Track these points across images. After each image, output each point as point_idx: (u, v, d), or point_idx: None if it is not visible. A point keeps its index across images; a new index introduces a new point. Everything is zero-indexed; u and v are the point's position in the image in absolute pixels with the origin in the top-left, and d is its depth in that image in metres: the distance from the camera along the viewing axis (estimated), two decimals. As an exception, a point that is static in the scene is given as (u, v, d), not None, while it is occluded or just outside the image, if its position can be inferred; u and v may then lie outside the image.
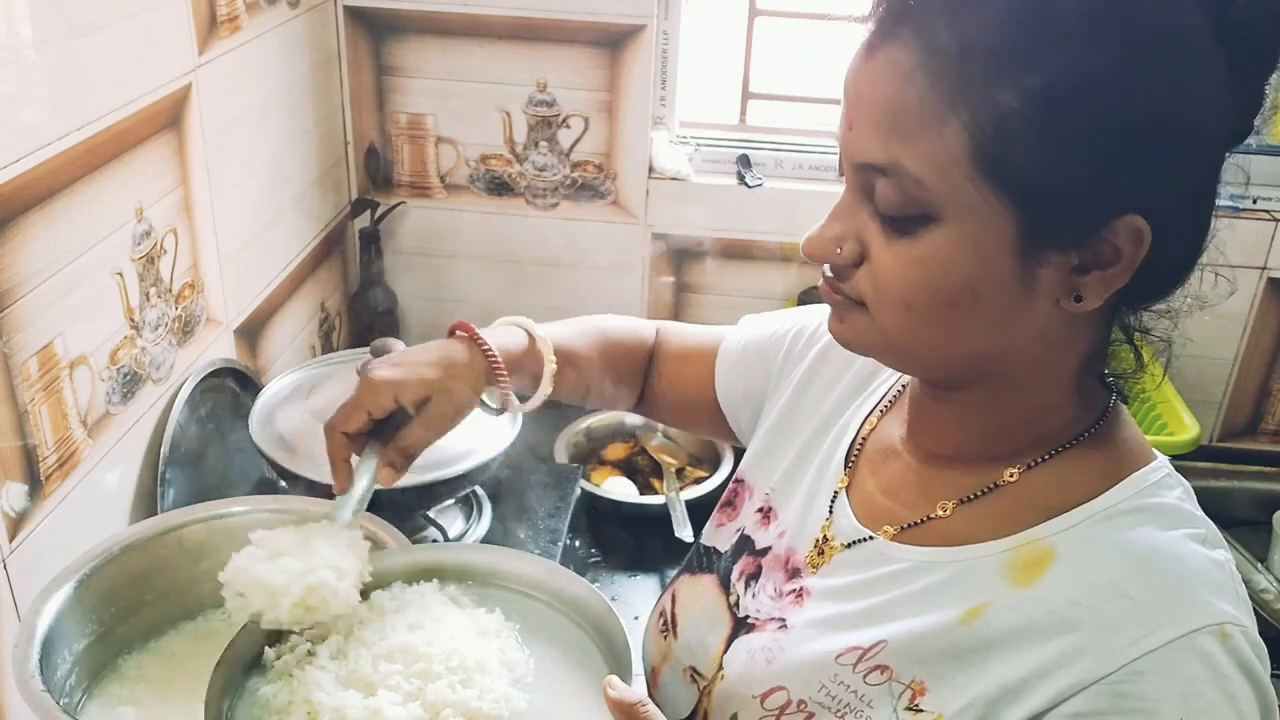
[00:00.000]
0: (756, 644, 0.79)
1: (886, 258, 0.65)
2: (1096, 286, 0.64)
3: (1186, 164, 0.63)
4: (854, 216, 0.67)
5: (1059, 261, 0.63)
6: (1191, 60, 0.61)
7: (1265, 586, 1.57)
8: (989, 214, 0.62)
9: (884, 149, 0.63)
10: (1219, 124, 0.63)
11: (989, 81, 0.59)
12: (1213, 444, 1.91)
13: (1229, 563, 0.67)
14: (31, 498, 1.05)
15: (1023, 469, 0.71)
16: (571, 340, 0.96)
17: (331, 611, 0.75)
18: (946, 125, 0.60)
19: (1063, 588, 0.66)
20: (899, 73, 0.61)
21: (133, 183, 1.19)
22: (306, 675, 0.73)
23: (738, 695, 0.79)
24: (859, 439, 0.83)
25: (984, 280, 0.63)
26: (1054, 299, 0.64)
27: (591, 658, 0.80)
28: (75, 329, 1.10)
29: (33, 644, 0.82)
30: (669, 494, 1.66)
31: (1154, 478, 0.69)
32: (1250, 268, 1.78)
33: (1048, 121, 0.59)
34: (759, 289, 1.88)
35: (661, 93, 1.81)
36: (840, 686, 0.72)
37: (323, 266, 1.79)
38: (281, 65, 1.57)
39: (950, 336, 0.67)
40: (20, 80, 0.99)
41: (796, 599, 0.79)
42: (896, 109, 0.62)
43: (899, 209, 0.63)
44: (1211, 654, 0.62)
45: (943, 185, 0.61)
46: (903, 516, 0.76)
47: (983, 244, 0.62)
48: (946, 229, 0.63)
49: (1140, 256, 0.63)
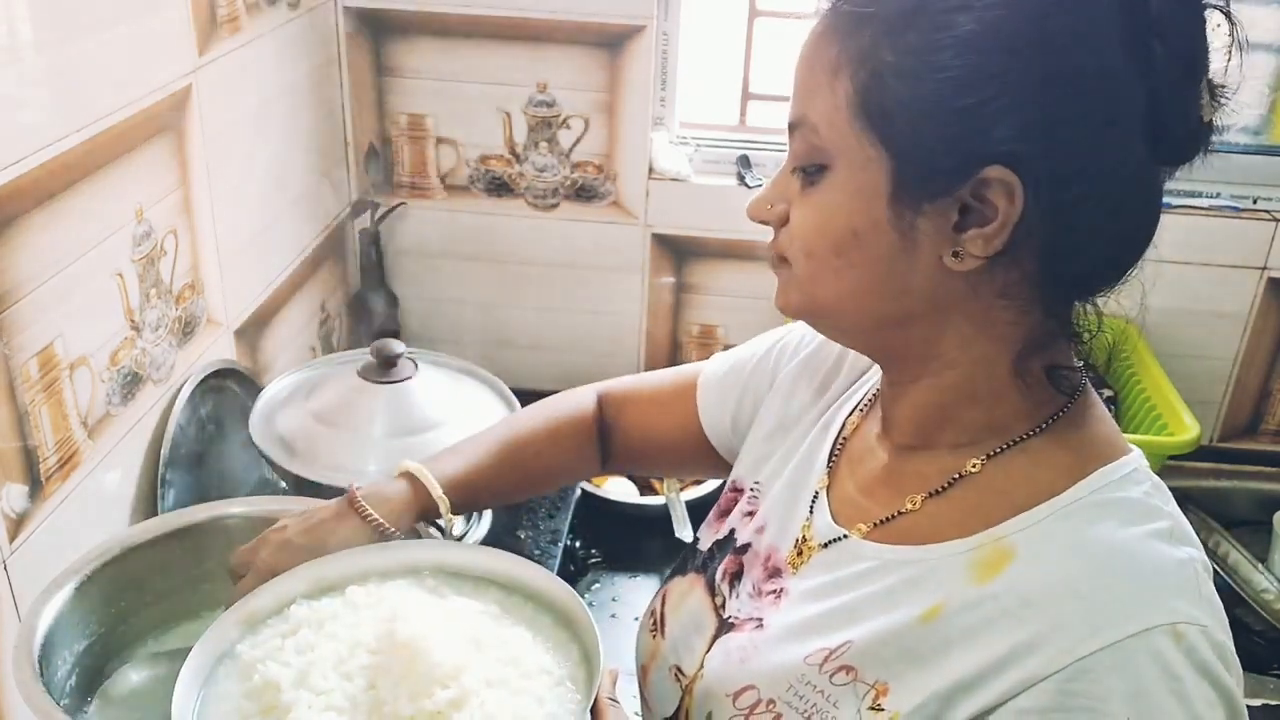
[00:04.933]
0: (733, 644, 0.80)
1: (797, 209, 0.72)
2: (976, 243, 0.66)
3: (1063, 129, 0.64)
4: (786, 179, 0.73)
5: (935, 213, 0.66)
6: (1074, 31, 0.63)
7: (1265, 586, 1.57)
8: (868, 160, 0.67)
9: (798, 106, 0.70)
10: (1114, 98, 0.64)
11: (875, 40, 0.65)
12: (1213, 444, 1.90)
13: (1194, 561, 0.67)
14: (32, 499, 1.05)
15: (983, 459, 0.72)
16: (474, 463, 0.96)
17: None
18: (837, 79, 0.67)
19: (1018, 585, 0.66)
20: (817, 40, 0.69)
21: (133, 184, 1.19)
22: (270, 670, 0.73)
23: (713, 693, 0.80)
24: (840, 439, 0.84)
25: (864, 226, 0.68)
26: (937, 255, 0.67)
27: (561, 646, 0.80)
28: (75, 330, 1.10)
29: (33, 644, 0.82)
30: (669, 494, 1.66)
31: (1120, 473, 0.69)
32: (1250, 268, 1.78)
33: (916, 73, 0.64)
34: (759, 289, 1.88)
35: (661, 93, 1.81)
36: (808, 687, 0.73)
37: (323, 267, 1.79)
38: (281, 65, 1.57)
39: (845, 287, 0.70)
40: (20, 81, 0.99)
41: (775, 599, 0.80)
42: (809, 70, 0.69)
43: (805, 158, 0.70)
44: (1163, 653, 0.61)
45: (833, 133, 0.67)
46: (875, 514, 0.76)
47: (863, 189, 0.67)
48: (835, 175, 0.68)
49: (1014, 213, 0.64)
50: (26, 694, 0.77)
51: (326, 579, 0.84)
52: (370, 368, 1.29)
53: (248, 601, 0.80)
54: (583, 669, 0.77)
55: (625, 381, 1.07)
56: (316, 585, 0.83)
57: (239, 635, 0.79)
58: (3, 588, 1.01)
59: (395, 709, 0.70)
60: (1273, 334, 1.83)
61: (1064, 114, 0.64)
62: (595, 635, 0.76)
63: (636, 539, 1.63)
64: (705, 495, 1.66)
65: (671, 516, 1.61)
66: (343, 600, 0.80)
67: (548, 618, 0.82)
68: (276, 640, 0.77)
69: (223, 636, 0.78)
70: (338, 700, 0.71)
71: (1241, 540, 1.64)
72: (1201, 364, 1.84)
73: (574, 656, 0.79)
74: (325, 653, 0.75)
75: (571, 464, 1.05)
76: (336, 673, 0.73)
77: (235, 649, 0.77)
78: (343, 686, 0.72)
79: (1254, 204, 1.76)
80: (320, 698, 0.71)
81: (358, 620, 0.78)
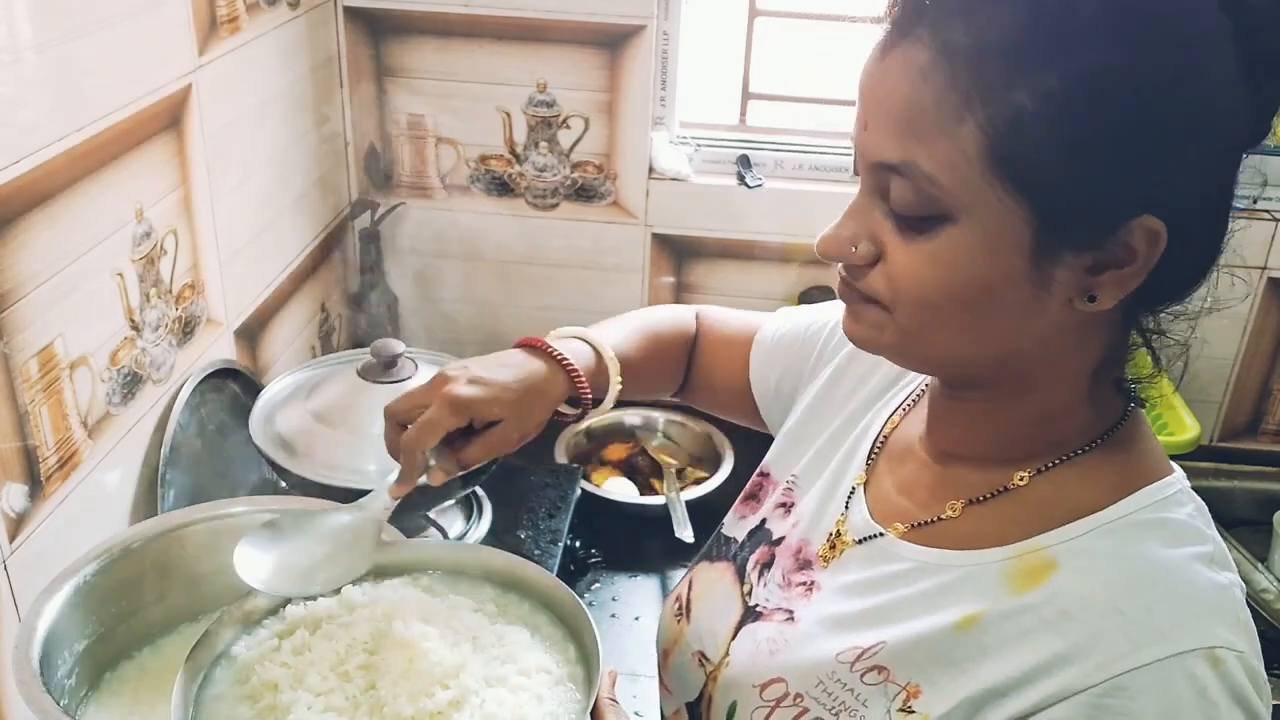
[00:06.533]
0: (762, 634, 0.80)
1: (902, 257, 0.65)
2: (1111, 287, 0.63)
3: (1203, 165, 0.62)
4: (869, 216, 0.67)
5: (1073, 262, 0.63)
6: (1209, 62, 0.60)
7: (1265, 586, 1.57)
8: (1003, 214, 0.61)
9: (899, 148, 0.63)
10: (1235, 125, 0.63)
11: (1004, 81, 0.59)
12: (1213, 444, 1.91)
13: (1234, 586, 0.66)
14: (32, 498, 1.05)
15: (1033, 473, 0.71)
16: (629, 349, 0.97)
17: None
18: (961, 124, 0.60)
19: (1058, 597, 0.65)
20: (914, 72, 0.61)
21: (133, 183, 1.19)
22: (267, 671, 0.73)
23: (739, 683, 0.79)
24: (881, 437, 0.83)
25: (998, 280, 0.63)
26: (1067, 299, 0.64)
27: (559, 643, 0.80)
28: (75, 330, 1.10)
29: (33, 644, 0.82)
30: (669, 494, 1.66)
31: (1166, 493, 0.68)
32: (1250, 268, 1.78)
33: (1062, 122, 0.59)
34: (759, 289, 1.88)
35: (661, 93, 1.81)
36: (838, 684, 0.73)
37: (323, 267, 1.79)
38: (281, 65, 1.57)
39: (965, 336, 0.67)
40: (20, 80, 0.99)
41: (806, 591, 0.80)
42: (912, 108, 0.62)
43: (914, 208, 0.64)
44: (1200, 678, 0.61)
45: (957, 184, 0.61)
46: (914, 515, 0.76)
47: (997, 244, 0.62)
48: (961, 228, 0.63)
49: (1156, 257, 0.62)
50: (26, 694, 0.77)
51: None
52: (370, 368, 1.29)
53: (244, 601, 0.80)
54: (580, 667, 0.77)
55: (715, 313, 1.07)
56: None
57: (235, 635, 0.79)
58: (3, 588, 1.01)
59: (395, 709, 0.70)
60: (1273, 334, 1.84)
61: (1204, 151, 0.62)
62: (595, 634, 0.76)
63: (636, 539, 1.63)
64: (705, 495, 1.66)
65: (671, 516, 1.61)
66: (338, 599, 0.80)
67: (544, 615, 0.82)
68: (273, 641, 0.77)
69: (219, 636, 0.78)
70: (337, 700, 0.71)
71: (1241, 540, 1.64)
72: (1201, 364, 1.84)
73: (571, 655, 0.79)
74: (322, 653, 0.75)
75: (672, 376, 1.05)
76: (335, 673, 0.73)
77: (231, 650, 0.77)
78: (342, 687, 0.72)
79: (1254, 204, 1.76)
80: (319, 698, 0.71)
81: (354, 620, 0.78)
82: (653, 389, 1.03)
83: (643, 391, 1.00)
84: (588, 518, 1.61)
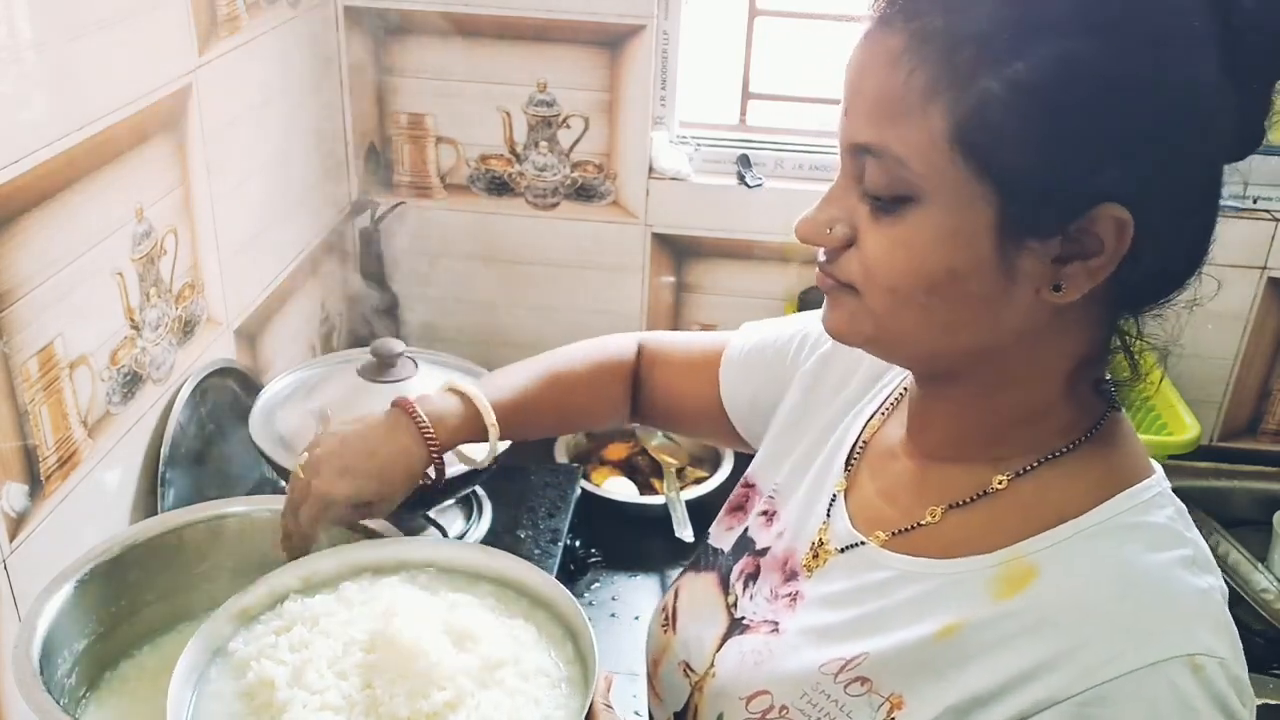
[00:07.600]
0: (748, 646, 0.80)
1: (872, 239, 0.66)
2: (1078, 278, 0.63)
3: (1174, 162, 0.62)
4: (845, 200, 0.68)
5: (1039, 249, 0.63)
6: (1186, 59, 0.60)
7: (1265, 586, 1.57)
8: (969, 197, 0.62)
9: (873, 130, 0.64)
10: (1215, 127, 0.63)
11: (974, 66, 0.60)
12: (1213, 444, 1.90)
13: (1215, 590, 0.66)
14: (32, 498, 1.05)
15: (1014, 474, 0.71)
16: (529, 392, 0.97)
17: None
18: (931, 107, 0.61)
19: (1039, 603, 0.65)
20: (890, 57, 0.63)
21: (133, 183, 1.19)
22: (264, 668, 0.73)
23: (725, 694, 0.79)
24: (860, 442, 0.83)
25: (964, 264, 0.64)
26: (1034, 289, 0.64)
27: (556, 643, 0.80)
28: (75, 329, 1.10)
29: (33, 644, 0.82)
30: (669, 494, 1.66)
31: (1145, 496, 0.68)
32: (1250, 267, 1.78)
33: (1028, 108, 0.60)
34: (759, 289, 1.88)
35: (661, 93, 1.81)
36: (822, 696, 0.73)
37: (323, 267, 1.79)
38: (281, 65, 1.57)
39: (933, 323, 0.67)
40: (20, 80, 0.99)
41: (790, 602, 0.79)
42: (886, 91, 0.63)
43: (885, 189, 0.65)
44: (1181, 685, 0.61)
45: (925, 166, 0.62)
46: (895, 521, 0.76)
47: (963, 227, 0.63)
48: (928, 211, 0.63)
49: (1123, 248, 0.62)
50: (26, 694, 0.77)
51: (319, 574, 0.84)
52: (370, 367, 1.29)
53: (241, 597, 0.80)
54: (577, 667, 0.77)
55: (664, 338, 1.06)
56: (309, 581, 0.83)
57: (232, 631, 0.78)
58: (3, 587, 1.01)
59: (392, 709, 0.70)
60: (1273, 334, 1.83)
61: (1177, 147, 0.62)
62: (590, 636, 0.76)
63: (636, 539, 1.63)
64: (705, 495, 1.66)
65: (671, 516, 1.61)
66: (336, 596, 0.80)
67: (542, 615, 0.82)
68: (270, 637, 0.77)
69: (216, 633, 0.78)
70: (333, 699, 0.71)
71: (1241, 540, 1.64)
72: (1201, 364, 1.84)
73: (568, 654, 0.79)
74: (320, 650, 0.75)
75: (605, 409, 1.05)
76: (332, 671, 0.73)
77: (228, 646, 0.77)
78: (338, 685, 0.72)
79: (1254, 204, 1.76)
80: (315, 697, 0.71)
81: (351, 617, 0.77)
82: (579, 423, 1.05)
83: (563, 428, 1.03)
84: (588, 517, 1.61)
